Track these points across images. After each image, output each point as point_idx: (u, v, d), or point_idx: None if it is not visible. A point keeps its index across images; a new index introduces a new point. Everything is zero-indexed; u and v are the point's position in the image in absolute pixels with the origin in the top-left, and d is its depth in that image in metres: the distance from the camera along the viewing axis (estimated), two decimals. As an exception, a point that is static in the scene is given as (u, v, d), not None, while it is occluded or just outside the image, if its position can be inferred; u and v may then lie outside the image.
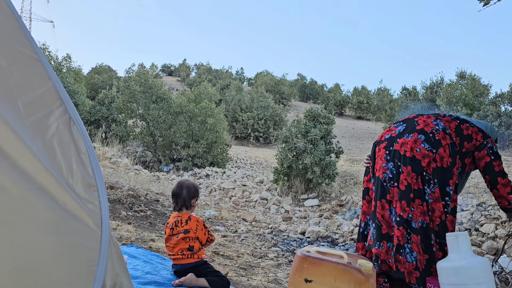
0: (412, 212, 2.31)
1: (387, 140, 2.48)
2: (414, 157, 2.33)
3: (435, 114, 2.56)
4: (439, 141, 2.37)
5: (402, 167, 2.34)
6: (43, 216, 1.13)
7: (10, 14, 1.23)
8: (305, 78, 45.26)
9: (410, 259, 2.29)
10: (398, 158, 2.38)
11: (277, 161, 9.60)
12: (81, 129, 1.33)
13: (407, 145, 2.36)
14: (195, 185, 2.53)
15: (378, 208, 2.38)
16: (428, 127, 2.41)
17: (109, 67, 43.54)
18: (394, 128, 2.55)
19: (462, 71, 20.11)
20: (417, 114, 2.59)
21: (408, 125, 2.49)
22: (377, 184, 2.45)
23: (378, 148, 2.51)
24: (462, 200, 5.92)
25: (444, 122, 2.45)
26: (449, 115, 2.57)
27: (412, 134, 2.40)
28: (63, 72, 15.03)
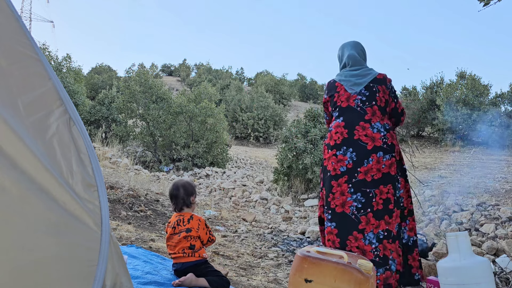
0: (394, 222, 2.40)
1: (346, 174, 2.44)
2: (383, 174, 2.40)
3: (358, 112, 2.50)
4: (392, 144, 2.47)
5: (374, 190, 2.39)
6: (43, 216, 1.13)
7: (10, 14, 1.23)
8: (305, 78, 45.27)
9: (393, 267, 2.37)
10: (366, 186, 2.40)
11: (277, 161, 9.60)
12: (81, 129, 1.33)
13: (372, 171, 2.40)
14: (190, 183, 2.55)
15: (351, 243, 2.38)
16: (377, 141, 2.43)
17: (109, 67, 43.54)
18: (342, 156, 2.47)
19: (462, 71, 20.10)
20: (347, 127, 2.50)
21: (357, 151, 2.44)
22: (340, 220, 2.42)
23: (337, 183, 2.46)
24: (462, 200, 5.92)
25: (376, 120, 2.48)
26: (361, 98, 2.53)
27: (371, 157, 2.41)
28: (63, 72, 15.02)
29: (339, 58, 2.87)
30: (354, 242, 2.37)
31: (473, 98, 17.90)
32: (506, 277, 3.13)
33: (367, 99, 2.53)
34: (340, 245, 2.39)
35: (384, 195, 2.40)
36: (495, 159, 13.05)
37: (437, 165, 12.02)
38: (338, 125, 2.57)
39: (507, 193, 6.67)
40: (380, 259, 2.33)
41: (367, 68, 2.69)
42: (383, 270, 2.32)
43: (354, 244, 2.37)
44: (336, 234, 2.42)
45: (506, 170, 10.20)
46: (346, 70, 2.72)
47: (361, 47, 2.80)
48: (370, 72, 2.64)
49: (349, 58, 2.74)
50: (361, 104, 2.53)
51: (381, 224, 2.37)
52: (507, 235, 4.30)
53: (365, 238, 2.36)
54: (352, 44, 2.80)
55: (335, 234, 2.42)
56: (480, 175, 9.45)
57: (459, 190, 7.07)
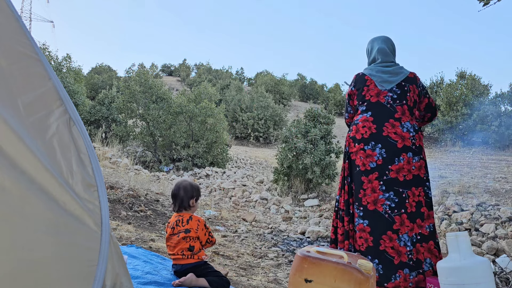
0: (425, 224, 2.37)
1: (376, 170, 2.40)
2: (414, 176, 2.39)
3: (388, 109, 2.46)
4: (420, 146, 2.47)
5: (407, 192, 2.35)
6: (43, 216, 1.13)
7: (10, 14, 1.23)
8: (305, 78, 45.23)
9: (426, 267, 2.33)
10: (398, 185, 2.36)
11: (277, 161, 9.60)
12: (81, 129, 1.33)
13: (404, 170, 2.37)
14: (193, 185, 2.48)
15: (385, 242, 2.32)
16: (407, 141, 2.41)
17: (109, 67, 43.50)
18: (371, 152, 2.43)
19: (462, 71, 20.11)
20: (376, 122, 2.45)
21: (386, 147, 2.40)
22: (373, 218, 2.36)
23: (367, 179, 2.41)
24: (462, 200, 5.92)
25: (406, 120, 2.46)
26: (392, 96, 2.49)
27: (402, 156, 2.39)
28: (63, 72, 15.02)
29: (368, 52, 2.78)
30: (388, 242, 2.31)
31: (473, 98, 17.90)
32: (506, 277, 3.13)
33: (398, 97, 2.48)
34: (373, 244, 2.33)
35: (416, 198, 2.38)
36: (495, 159, 13.04)
37: (437, 165, 12.02)
38: (366, 119, 2.50)
39: (507, 193, 6.66)
40: (414, 263, 2.30)
41: (399, 66, 2.62)
42: (416, 273, 2.28)
43: (388, 244, 2.31)
44: (369, 232, 2.36)
45: (506, 170, 10.20)
46: (377, 65, 2.63)
47: (392, 42, 2.72)
48: (402, 71, 2.58)
49: (379, 53, 2.65)
50: (391, 102, 2.47)
51: (414, 227, 2.34)
52: (507, 235, 4.30)
53: (399, 239, 2.31)
54: (383, 38, 2.71)
55: (368, 232, 2.36)
56: (480, 175, 9.45)
57: (459, 190, 7.06)
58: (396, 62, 2.67)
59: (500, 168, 10.70)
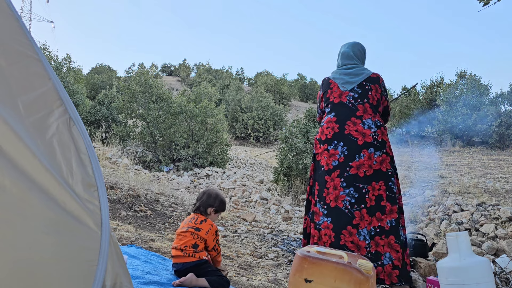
0: (386, 218, 2.40)
1: (338, 168, 2.46)
2: (374, 170, 2.43)
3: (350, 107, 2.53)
4: (382, 140, 2.49)
5: (367, 187, 2.40)
6: (43, 216, 1.13)
7: (10, 14, 1.23)
8: (305, 78, 45.23)
9: (386, 262, 2.36)
10: (358, 181, 2.41)
11: (277, 161, 9.60)
12: (81, 129, 1.33)
13: (364, 166, 2.42)
14: (219, 196, 2.51)
15: (345, 237, 2.38)
16: (367, 137, 2.45)
17: (109, 67, 43.53)
18: (334, 151, 2.50)
19: (462, 71, 20.12)
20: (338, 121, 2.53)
21: (348, 144, 2.47)
22: (335, 215, 2.43)
23: (330, 177, 2.48)
24: (462, 200, 5.92)
25: (368, 117, 2.50)
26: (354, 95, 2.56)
27: (362, 153, 2.43)
28: (63, 72, 15.02)
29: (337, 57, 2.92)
30: (348, 236, 2.38)
31: (473, 98, 17.90)
32: (506, 277, 3.13)
33: (359, 96, 2.56)
34: (335, 239, 2.40)
35: (376, 192, 2.42)
36: (495, 159, 13.04)
37: (437, 165, 12.02)
38: (330, 120, 2.59)
39: (507, 193, 6.67)
40: (372, 255, 2.36)
41: (361, 67, 2.71)
42: (375, 265, 2.34)
43: (348, 239, 2.38)
44: (332, 228, 2.43)
45: (506, 170, 10.20)
46: (340, 68, 2.77)
47: (360, 47, 2.80)
48: (364, 71, 2.66)
49: (342, 56, 2.78)
50: (353, 101, 2.56)
51: (373, 221, 2.39)
52: (507, 235, 4.31)
53: (359, 233, 2.37)
54: (351, 43, 2.81)
55: (331, 229, 2.43)
56: (480, 175, 9.44)
57: (459, 190, 7.06)
58: (359, 64, 2.74)
59: (500, 168, 10.70)
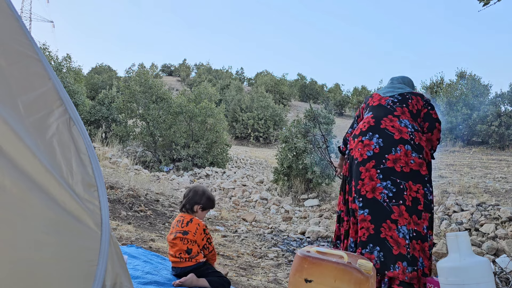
0: (422, 223, 2.33)
1: (373, 159, 2.39)
2: (412, 170, 2.35)
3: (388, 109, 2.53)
4: (420, 145, 2.43)
5: (405, 183, 2.32)
6: (43, 216, 1.13)
7: (10, 14, 1.23)
8: (305, 78, 45.24)
9: (420, 267, 2.29)
10: (396, 175, 2.33)
11: (277, 161, 9.60)
12: (81, 129, 1.33)
13: (401, 161, 2.35)
14: (205, 192, 2.46)
15: (385, 231, 2.28)
16: (404, 134, 2.41)
17: (109, 67, 43.54)
18: (368, 141, 2.45)
19: (462, 71, 20.12)
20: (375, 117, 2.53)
21: (383, 137, 2.42)
22: (373, 206, 2.34)
23: (365, 168, 2.40)
24: (462, 200, 5.92)
25: (405, 118, 2.48)
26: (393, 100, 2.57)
27: (399, 147, 2.37)
28: (63, 72, 15.02)
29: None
30: (388, 231, 2.27)
31: (473, 98, 17.90)
32: (506, 277, 3.13)
33: (399, 102, 2.56)
34: (374, 232, 2.29)
35: (414, 193, 2.32)
36: (495, 159, 13.04)
37: (437, 165, 12.02)
38: (367, 117, 2.59)
39: (507, 193, 6.67)
40: (411, 258, 2.25)
41: (405, 87, 2.74)
42: (411, 269, 2.23)
43: (388, 233, 2.27)
44: (370, 220, 2.32)
45: (506, 170, 10.20)
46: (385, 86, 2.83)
47: (408, 79, 2.85)
48: (408, 89, 2.70)
49: (390, 80, 2.87)
50: (391, 103, 2.56)
51: (411, 222, 2.29)
52: (507, 235, 4.31)
53: (398, 230, 2.26)
54: (400, 76, 2.89)
55: (369, 221, 2.32)
56: (480, 175, 9.44)
57: (459, 190, 7.06)
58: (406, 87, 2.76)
59: (500, 168, 10.70)
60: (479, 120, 16.91)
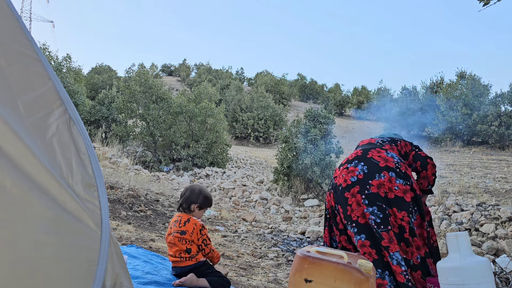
0: (411, 251, 2.30)
1: (357, 184, 2.37)
2: (396, 196, 2.32)
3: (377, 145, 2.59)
4: (406, 173, 2.41)
5: (389, 210, 2.30)
6: (43, 216, 1.13)
7: (10, 14, 1.23)
8: (305, 78, 45.21)
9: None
10: (380, 201, 2.31)
11: (277, 161, 9.60)
12: (81, 129, 1.33)
13: (384, 186, 2.32)
14: (202, 191, 2.44)
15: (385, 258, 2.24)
16: (390, 163, 2.41)
17: (109, 67, 43.50)
18: (353, 168, 2.44)
19: (462, 71, 20.12)
20: (363, 149, 2.58)
21: (368, 164, 2.42)
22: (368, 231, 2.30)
23: (350, 194, 2.37)
24: (462, 200, 5.92)
25: (392, 151, 2.52)
26: (382, 139, 2.65)
27: (383, 173, 2.35)
28: (63, 72, 15.01)
29: None
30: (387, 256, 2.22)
31: (473, 98, 17.90)
32: (506, 277, 3.13)
33: (388, 142, 2.62)
34: (378, 256, 2.24)
35: (399, 221, 2.28)
36: (495, 159, 13.04)
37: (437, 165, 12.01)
38: (355, 151, 2.64)
39: (507, 193, 6.67)
40: (413, 285, 2.19)
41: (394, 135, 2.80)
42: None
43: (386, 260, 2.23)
44: (370, 245, 2.27)
45: (506, 170, 10.20)
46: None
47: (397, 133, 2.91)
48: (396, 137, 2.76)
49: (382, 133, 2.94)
50: (381, 142, 2.62)
51: (399, 251, 2.24)
52: (507, 235, 4.31)
53: (391, 257, 2.20)
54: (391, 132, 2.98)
55: (369, 246, 2.27)
56: (480, 175, 9.44)
57: (459, 190, 7.06)
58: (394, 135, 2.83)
59: (500, 168, 10.70)
60: (479, 120, 16.90)
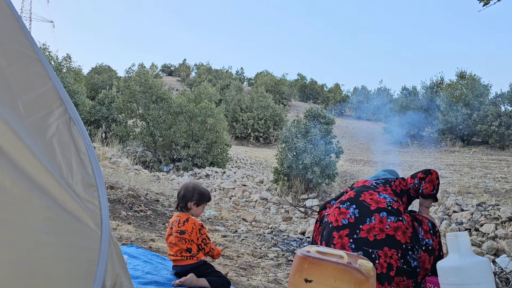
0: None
1: (347, 227, 2.37)
2: (387, 235, 2.31)
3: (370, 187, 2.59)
4: (398, 209, 2.41)
5: (377, 252, 2.29)
6: (43, 216, 1.13)
7: (10, 14, 1.23)
8: (305, 78, 45.19)
9: None
10: (368, 245, 2.30)
11: (277, 161, 9.60)
12: (81, 129, 1.33)
13: (375, 230, 2.32)
14: (196, 188, 2.43)
15: None
16: (381, 204, 2.42)
17: (109, 67, 43.47)
18: (345, 210, 2.46)
19: (462, 71, 20.10)
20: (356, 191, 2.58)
21: (360, 208, 2.43)
22: None
23: (338, 234, 2.38)
24: (462, 200, 5.92)
25: (384, 193, 2.52)
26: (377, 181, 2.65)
27: (374, 216, 2.36)
28: (63, 72, 15.00)
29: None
30: None
31: (473, 98, 17.89)
32: (506, 277, 3.13)
33: (382, 183, 2.62)
34: None
35: (388, 259, 2.28)
36: (495, 159, 13.04)
37: (437, 165, 12.02)
38: (348, 193, 2.64)
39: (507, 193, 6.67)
40: None
41: (388, 175, 2.81)
42: None
43: None
44: None
45: (506, 170, 10.20)
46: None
47: (392, 170, 2.93)
48: (391, 176, 2.77)
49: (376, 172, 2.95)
50: (375, 184, 2.62)
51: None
52: (507, 235, 4.31)
53: None
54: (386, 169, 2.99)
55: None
56: (480, 175, 9.44)
57: (459, 190, 7.07)
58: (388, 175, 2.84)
59: (500, 168, 10.70)
60: (479, 120, 16.90)
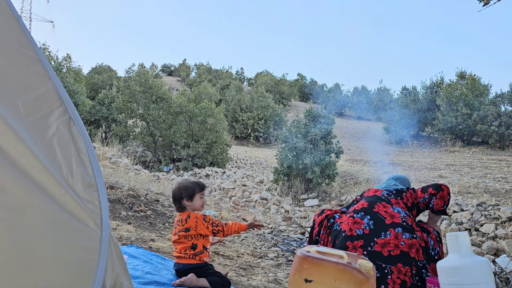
0: None
1: (362, 238, 2.35)
2: (402, 252, 2.30)
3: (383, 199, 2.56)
4: (412, 226, 2.39)
5: (391, 267, 2.27)
6: (43, 216, 1.13)
7: (10, 14, 1.23)
8: (305, 78, 45.18)
9: None
10: (382, 260, 2.28)
11: (277, 161, 9.60)
12: (81, 129, 1.33)
13: (389, 245, 2.30)
14: (180, 186, 2.43)
15: None
16: (396, 219, 2.40)
17: (109, 67, 43.45)
18: (359, 220, 2.43)
19: (462, 71, 20.09)
20: (368, 201, 2.54)
21: (375, 220, 2.40)
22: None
23: (352, 245, 2.36)
24: (462, 200, 5.91)
25: (398, 206, 2.49)
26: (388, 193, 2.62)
27: (389, 231, 2.34)
28: (63, 72, 15.00)
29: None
30: None
31: (473, 98, 17.89)
32: (506, 277, 3.13)
33: (394, 195, 2.59)
34: None
35: (402, 276, 2.25)
36: (495, 159, 13.04)
37: (437, 165, 12.02)
38: (361, 202, 2.60)
39: (507, 193, 6.67)
40: None
41: (399, 184, 2.78)
42: None
43: None
44: None
45: (506, 170, 10.20)
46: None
47: (404, 178, 2.89)
48: (402, 186, 2.74)
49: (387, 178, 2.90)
50: (386, 195, 2.59)
51: None
52: (507, 235, 4.31)
53: None
54: (397, 174, 2.95)
55: None
56: (480, 175, 9.44)
57: (459, 190, 7.07)
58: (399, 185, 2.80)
59: (500, 168, 10.70)
60: (479, 120, 16.90)
